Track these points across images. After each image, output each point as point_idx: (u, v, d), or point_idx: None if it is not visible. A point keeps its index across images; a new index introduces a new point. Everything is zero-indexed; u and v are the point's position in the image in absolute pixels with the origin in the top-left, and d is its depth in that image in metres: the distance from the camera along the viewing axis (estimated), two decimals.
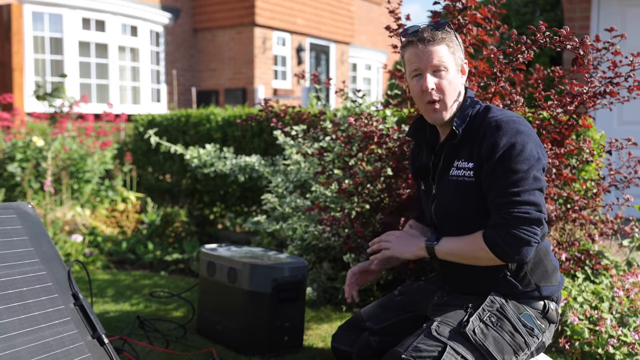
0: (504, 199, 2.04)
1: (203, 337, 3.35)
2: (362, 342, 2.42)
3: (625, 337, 2.79)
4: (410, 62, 2.22)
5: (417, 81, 2.21)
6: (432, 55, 2.16)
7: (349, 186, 3.56)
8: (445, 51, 2.17)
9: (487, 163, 2.10)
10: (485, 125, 2.13)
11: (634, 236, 3.57)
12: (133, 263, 5.24)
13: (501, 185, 2.05)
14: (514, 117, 2.12)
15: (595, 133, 3.74)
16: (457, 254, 2.21)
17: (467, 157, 2.19)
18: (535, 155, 2.06)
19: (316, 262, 4.03)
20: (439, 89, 2.19)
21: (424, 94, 2.20)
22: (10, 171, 5.81)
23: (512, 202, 2.03)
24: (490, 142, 2.08)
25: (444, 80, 2.18)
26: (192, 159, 5.29)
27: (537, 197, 2.04)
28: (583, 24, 6.18)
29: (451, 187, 2.23)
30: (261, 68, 14.00)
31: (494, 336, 2.08)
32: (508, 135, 2.06)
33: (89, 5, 11.87)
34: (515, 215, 2.03)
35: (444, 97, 2.19)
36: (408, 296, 2.50)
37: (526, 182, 2.03)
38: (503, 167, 2.05)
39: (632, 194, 3.47)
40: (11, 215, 2.21)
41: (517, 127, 2.08)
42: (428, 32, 2.17)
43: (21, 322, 1.89)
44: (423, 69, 2.19)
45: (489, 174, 2.09)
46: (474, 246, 2.13)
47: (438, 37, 2.16)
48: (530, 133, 2.10)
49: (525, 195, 2.03)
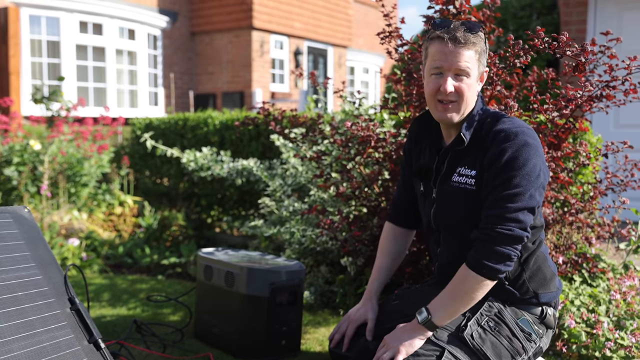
0: (495, 211, 2.03)
1: (200, 341, 3.34)
2: (360, 346, 2.41)
3: (622, 340, 2.79)
4: (434, 59, 2.14)
5: (436, 79, 2.14)
6: (460, 58, 2.09)
7: (347, 190, 3.55)
8: (472, 56, 2.11)
9: (488, 171, 2.08)
10: (494, 134, 2.10)
11: (631, 239, 3.57)
12: (130, 267, 5.24)
13: (497, 197, 2.04)
14: (524, 128, 2.08)
15: (592, 136, 3.75)
16: (455, 309, 2.10)
17: (470, 164, 2.16)
18: (536, 172, 2.04)
19: (314, 265, 4.03)
20: (458, 92, 2.12)
21: (439, 93, 2.14)
22: (7, 175, 5.80)
23: (500, 217, 2.02)
24: (496, 151, 2.06)
25: (463, 85, 2.12)
26: (188, 162, 5.28)
27: (525, 217, 2.02)
28: (579, 27, 6.19)
29: (452, 194, 2.20)
30: (259, 71, 14.00)
31: (492, 341, 2.08)
32: (514, 147, 2.03)
33: (86, 9, 11.86)
34: (499, 232, 2.01)
35: (460, 101, 2.14)
36: (405, 300, 2.49)
37: (521, 199, 2.01)
38: (503, 177, 2.03)
39: (628, 197, 3.47)
40: (7, 219, 2.21)
41: (525, 140, 2.05)
42: (461, 32, 2.09)
43: (17, 327, 1.89)
44: (446, 69, 2.11)
45: (489, 182, 2.07)
46: (465, 293, 2.07)
47: (470, 40, 2.09)
48: (538, 147, 2.07)
49: (515, 213, 2.01)
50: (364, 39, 19.24)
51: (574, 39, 2.81)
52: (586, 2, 6.18)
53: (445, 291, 2.12)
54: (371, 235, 3.44)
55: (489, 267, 2.02)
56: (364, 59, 19.26)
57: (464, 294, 2.07)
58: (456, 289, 2.08)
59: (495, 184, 2.05)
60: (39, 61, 11.41)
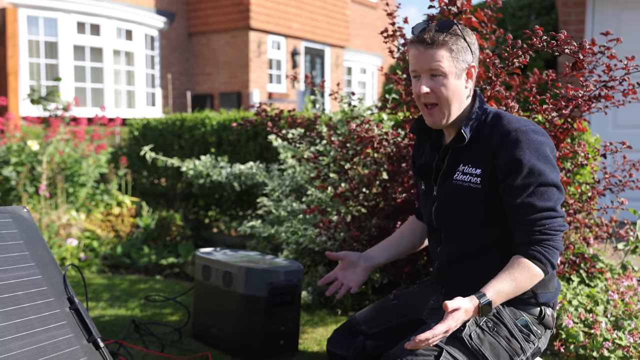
0: (543, 213, 2.03)
1: (198, 341, 3.34)
2: (358, 346, 2.42)
3: (620, 340, 2.79)
4: (411, 63, 2.18)
5: (415, 82, 2.18)
6: (430, 59, 2.10)
7: (345, 190, 3.56)
8: (444, 55, 2.10)
9: (509, 177, 2.06)
10: (502, 134, 2.09)
11: (629, 239, 3.57)
12: (128, 267, 5.23)
13: (531, 201, 2.03)
14: (531, 126, 2.09)
15: (590, 136, 3.75)
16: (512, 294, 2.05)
17: (475, 163, 2.15)
18: (553, 162, 2.06)
19: (311, 265, 4.03)
20: (435, 93, 2.13)
21: (420, 96, 2.17)
22: (5, 175, 5.80)
23: (550, 217, 2.02)
24: (511, 155, 2.05)
25: (440, 86, 2.12)
26: (188, 170, 5.32)
27: (560, 207, 2.06)
28: (578, 28, 6.20)
29: (455, 192, 2.20)
30: (256, 72, 14.00)
31: (490, 341, 2.08)
32: (530, 149, 2.04)
33: (83, 9, 11.85)
34: (556, 229, 2.02)
35: (440, 102, 2.14)
36: (403, 300, 2.50)
37: (554, 194, 2.04)
38: (529, 181, 2.03)
39: (626, 197, 3.47)
40: (6, 219, 2.21)
41: (536, 138, 2.06)
42: (429, 34, 2.10)
43: (16, 326, 1.89)
44: (420, 72, 2.15)
45: (514, 187, 2.05)
46: (525, 280, 2.02)
47: (439, 40, 2.09)
48: (546, 139, 2.09)
49: (559, 209, 2.04)
50: (362, 40, 19.25)
51: (573, 39, 2.81)
52: (584, 2, 6.19)
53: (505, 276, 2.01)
54: (369, 236, 3.44)
55: (553, 267, 2.04)
56: (361, 59, 19.27)
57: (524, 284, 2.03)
58: (519, 276, 2.01)
59: (523, 187, 2.04)
60: (37, 62, 11.41)
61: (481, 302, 1.94)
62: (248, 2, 13.64)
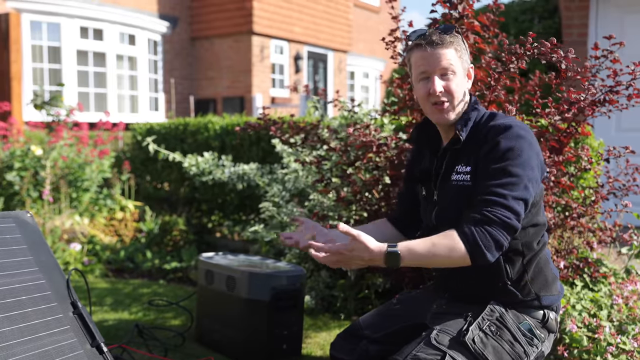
0: (491, 197, 2.00)
1: (202, 345, 3.34)
2: (361, 351, 2.41)
3: (624, 344, 2.79)
4: (417, 65, 2.20)
5: (425, 84, 2.19)
6: (441, 58, 2.15)
7: (348, 194, 3.56)
8: (453, 55, 2.17)
9: (483, 162, 2.08)
10: (488, 129, 2.13)
11: (633, 244, 3.57)
12: (131, 271, 5.24)
13: (492, 183, 2.02)
14: (519, 123, 2.12)
15: (594, 141, 3.75)
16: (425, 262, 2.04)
17: (466, 161, 2.18)
18: (530, 164, 2.04)
19: (314, 270, 4.03)
20: (447, 91, 2.17)
21: (430, 97, 2.18)
22: (8, 180, 5.81)
23: (498, 202, 1.99)
24: (491, 144, 2.07)
25: (451, 83, 2.17)
26: (190, 166, 5.29)
27: (520, 208, 2.01)
28: (581, 31, 6.19)
29: (452, 193, 2.20)
30: (259, 76, 14.01)
31: (494, 345, 2.07)
32: (509, 139, 2.05)
33: (87, 14, 11.88)
34: (499, 217, 1.98)
35: (452, 99, 2.18)
36: (406, 304, 2.49)
37: (517, 188, 2.00)
38: (499, 167, 2.03)
39: (630, 202, 3.47)
40: (10, 224, 2.21)
41: (519, 132, 2.07)
42: (436, 35, 2.16)
43: (20, 331, 1.89)
44: (431, 72, 2.17)
45: (484, 170, 2.07)
46: (442, 249, 1.97)
47: (446, 40, 2.16)
48: (532, 142, 2.09)
49: (512, 201, 1.99)
50: (364, 44, 19.26)
51: (576, 42, 2.82)
52: (587, 6, 6.18)
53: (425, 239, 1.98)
54: None
55: (481, 253, 1.97)
56: (364, 64, 19.28)
57: (442, 258, 1.98)
58: (438, 242, 1.97)
59: (491, 171, 2.04)
60: (40, 67, 11.43)
61: (388, 249, 1.91)
62: (251, 7, 13.66)
